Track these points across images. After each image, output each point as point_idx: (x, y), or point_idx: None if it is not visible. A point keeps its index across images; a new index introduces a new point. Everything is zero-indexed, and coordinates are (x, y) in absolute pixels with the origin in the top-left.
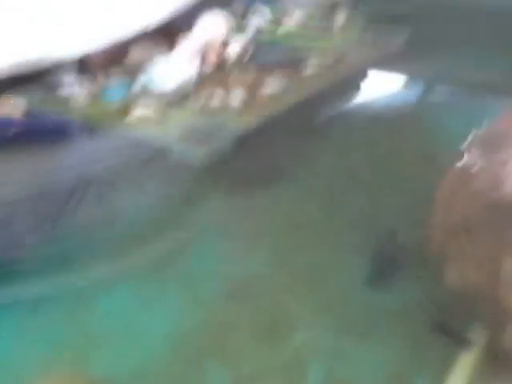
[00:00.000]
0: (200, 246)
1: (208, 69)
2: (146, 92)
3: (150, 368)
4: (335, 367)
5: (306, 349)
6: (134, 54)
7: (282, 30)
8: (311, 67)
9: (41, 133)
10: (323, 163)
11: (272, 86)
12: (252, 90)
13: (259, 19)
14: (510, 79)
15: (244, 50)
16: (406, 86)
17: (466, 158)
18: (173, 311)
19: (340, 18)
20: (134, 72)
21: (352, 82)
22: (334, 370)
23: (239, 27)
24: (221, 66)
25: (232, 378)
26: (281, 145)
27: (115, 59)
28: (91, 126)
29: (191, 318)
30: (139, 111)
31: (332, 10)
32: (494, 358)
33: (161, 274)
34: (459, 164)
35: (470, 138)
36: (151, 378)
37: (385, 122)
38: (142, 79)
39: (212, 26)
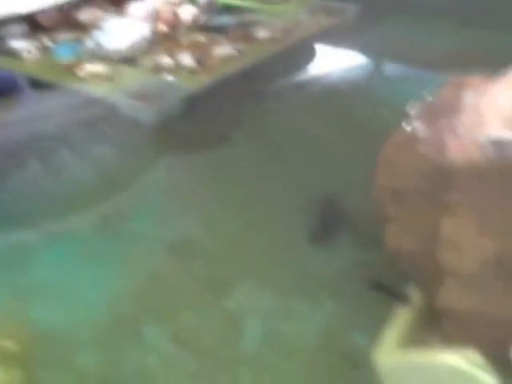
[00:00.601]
0: (143, 206)
1: (161, 29)
2: (97, 49)
3: (87, 323)
4: (273, 325)
5: (245, 307)
6: (85, 14)
7: None
8: (264, 31)
9: None
10: (271, 127)
11: (224, 48)
12: (204, 52)
13: None
14: (462, 51)
15: (198, 13)
16: (358, 55)
17: (410, 124)
18: (112, 269)
19: None
20: (85, 30)
21: (304, 49)
22: (272, 327)
23: None
24: (174, 27)
25: (169, 336)
26: (230, 108)
27: (66, 18)
28: (40, 83)
29: (130, 276)
30: (90, 68)
31: None
32: (429, 317)
33: (103, 233)
34: (403, 130)
35: (415, 106)
36: (88, 332)
37: (334, 90)
38: (94, 36)
39: None
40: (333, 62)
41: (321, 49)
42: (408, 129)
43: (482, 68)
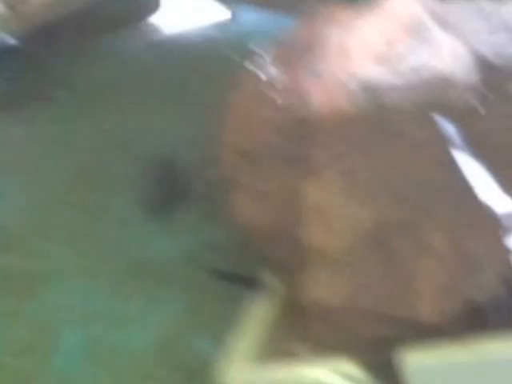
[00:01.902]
0: None
1: None
2: None
3: None
4: (95, 333)
5: (57, 311)
6: None
7: None
8: None
9: None
10: (100, 84)
11: None
12: None
13: None
14: None
15: None
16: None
17: (263, 69)
18: None
19: None
20: None
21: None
22: (94, 336)
23: None
24: None
25: None
26: (55, 62)
27: None
28: None
29: None
30: None
31: None
32: (292, 315)
33: None
34: (254, 76)
35: (268, 48)
36: None
37: (174, 43)
38: None
39: None
40: (179, 10)
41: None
42: (261, 75)
43: None
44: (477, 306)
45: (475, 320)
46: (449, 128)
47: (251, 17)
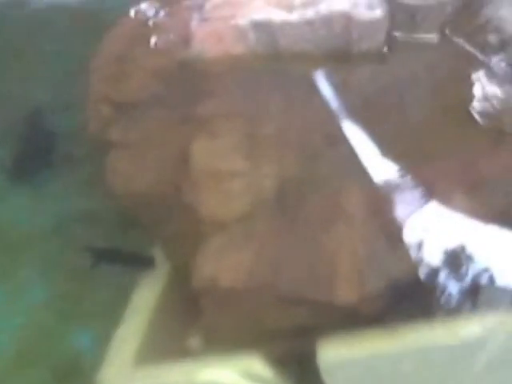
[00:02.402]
0: None
1: None
2: None
3: None
4: None
5: None
6: None
7: None
8: None
9: None
10: None
11: None
12: None
13: None
14: None
15: None
16: None
17: (139, 10)
18: None
19: None
20: None
21: None
22: None
23: None
24: None
25: None
26: None
27: None
28: None
29: None
30: None
31: None
32: (182, 296)
33: None
34: (129, 19)
35: None
36: None
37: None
38: None
39: None
40: None
41: None
42: (137, 16)
43: None
44: (397, 285)
45: (394, 302)
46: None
47: None
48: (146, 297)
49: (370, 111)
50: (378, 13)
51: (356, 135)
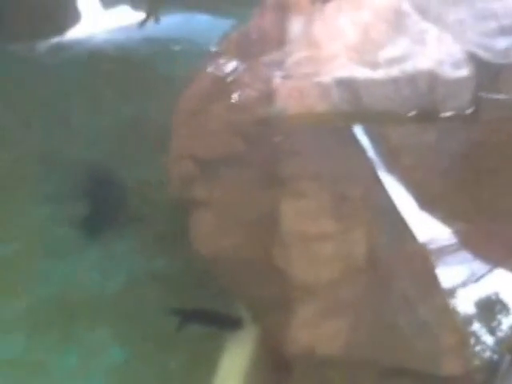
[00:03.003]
0: None
1: None
2: None
3: None
4: None
5: None
6: None
7: None
8: None
9: None
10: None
11: None
12: None
13: None
14: None
15: None
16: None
17: (216, 66)
18: None
19: None
20: None
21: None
22: None
23: None
24: None
25: None
26: None
27: None
28: None
29: None
30: None
31: None
32: (270, 361)
33: None
34: (207, 75)
35: (221, 42)
36: None
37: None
38: None
39: None
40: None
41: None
42: (214, 72)
43: None
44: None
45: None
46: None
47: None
48: (236, 362)
49: (459, 173)
50: (464, 72)
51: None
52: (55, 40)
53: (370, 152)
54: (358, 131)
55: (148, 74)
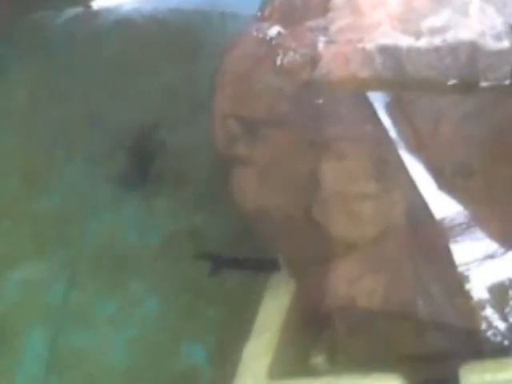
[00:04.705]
0: None
1: None
2: None
3: None
4: (66, 333)
5: (23, 308)
6: None
7: None
8: None
9: None
10: (55, 50)
11: None
12: None
13: None
14: None
15: None
16: None
17: (260, 29)
18: None
19: None
20: None
21: None
22: (64, 338)
23: None
24: None
25: None
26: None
27: None
28: None
29: None
30: None
31: None
32: (307, 315)
33: None
34: (251, 37)
35: (265, 6)
36: None
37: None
38: None
39: None
40: None
41: None
42: (258, 35)
43: None
44: None
45: None
46: None
47: None
48: (273, 314)
49: (494, 146)
50: (506, 44)
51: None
52: (82, 8)
53: (410, 118)
54: (399, 98)
55: (185, 38)
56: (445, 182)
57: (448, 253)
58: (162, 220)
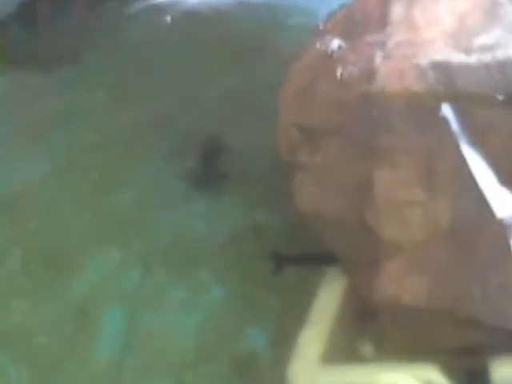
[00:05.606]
0: None
1: None
2: None
3: None
4: (139, 319)
5: (103, 291)
6: None
7: None
8: None
9: None
10: (128, 50)
11: None
12: None
13: None
14: None
15: None
16: None
17: (323, 43)
18: None
19: None
20: None
21: None
22: (138, 322)
23: None
24: None
25: None
26: (77, 23)
27: None
28: None
29: None
30: None
31: None
32: (357, 311)
33: None
34: (314, 50)
35: (327, 20)
36: None
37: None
38: None
39: None
40: None
41: None
42: (321, 48)
43: None
44: None
45: None
46: None
47: None
48: (327, 305)
49: None
50: None
51: None
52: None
53: (460, 131)
54: (450, 112)
55: (249, 40)
56: (491, 191)
57: (489, 256)
58: (227, 216)
